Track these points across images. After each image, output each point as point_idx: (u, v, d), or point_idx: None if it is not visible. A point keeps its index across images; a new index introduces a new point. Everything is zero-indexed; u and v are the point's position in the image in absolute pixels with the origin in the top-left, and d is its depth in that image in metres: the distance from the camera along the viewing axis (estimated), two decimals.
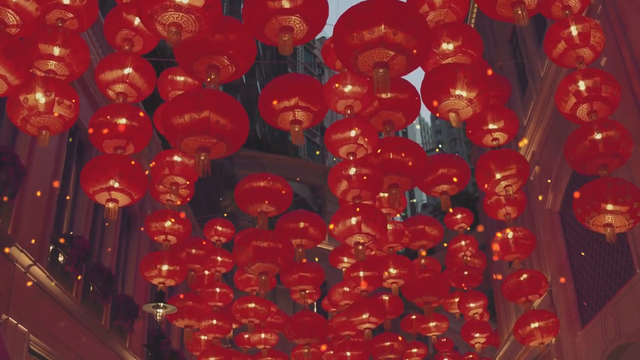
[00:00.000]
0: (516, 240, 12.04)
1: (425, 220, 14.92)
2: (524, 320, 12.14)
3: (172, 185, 11.13)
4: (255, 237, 10.87)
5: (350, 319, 12.99)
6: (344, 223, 9.84)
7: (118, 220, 16.41)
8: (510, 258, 12.33)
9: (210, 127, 7.75)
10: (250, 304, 15.17)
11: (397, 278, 13.69)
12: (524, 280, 12.06)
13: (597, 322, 13.05)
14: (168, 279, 12.75)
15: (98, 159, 8.84)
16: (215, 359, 15.33)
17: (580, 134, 8.64)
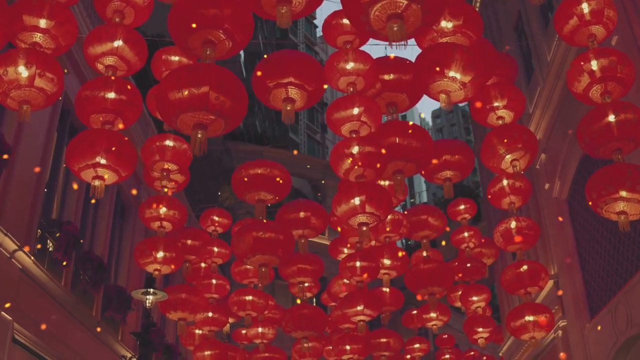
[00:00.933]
0: (519, 230, 11.65)
1: (428, 210, 14.53)
2: (518, 312, 11.86)
3: (163, 172, 10.73)
4: (255, 228, 10.62)
5: (344, 310, 12.65)
6: (347, 203, 9.43)
7: (111, 209, 15.97)
8: (513, 249, 11.98)
9: (210, 103, 7.45)
10: (247, 297, 14.84)
11: (390, 269, 13.42)
12: (523, 271, 11.78)
13: (607, 313, 12.66)
14: (164, 266, 12.35)
15: (84, 133, 8.46)
16: (211, 352, 14.88)
17: (595, 116, 8.29)
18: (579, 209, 14.03)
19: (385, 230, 13.35)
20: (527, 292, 11.89)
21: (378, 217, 9.50)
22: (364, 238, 9.74)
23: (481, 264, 15.60)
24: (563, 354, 14.70)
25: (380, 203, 9.40)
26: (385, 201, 9.51)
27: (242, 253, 10.65)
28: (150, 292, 12.39)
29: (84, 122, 8.36)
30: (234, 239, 10.96)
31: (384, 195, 9.57)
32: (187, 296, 14.04)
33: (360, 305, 12.46)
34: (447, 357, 21.04)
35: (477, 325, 15.86)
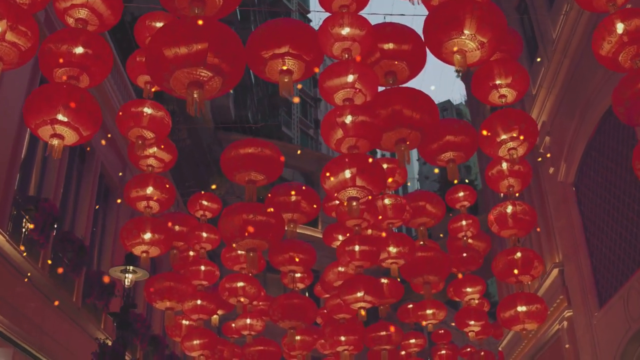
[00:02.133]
0: (514, 215, 11.33)
1: (426, 196, 14.13)
2: (509, 302, 11.55)
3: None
4: (246, 210, 10.17)
5: (343, 297, 12.06)
6: (336, 176, 8.86)
7: (94, 191, 15.33)
8: (507, 234, 11.59)
9: (209, 59, 7.03)
10: (239, 283, 14.31)
11: (397, 258, 12.83)
12: (516, 259, 11.41)
13: (618, 300, 12.10)
14: (152, 247, 11.87)
15: (42, 87, 7.94)
16: (200, 341, 14.32)
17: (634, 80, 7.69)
18: (587, 192, 13.51)
19: (387, 216, 12.78)
20: (519, 280, 11.49)
21: (369, 191, 8.96)
22: (353, 214, 9.12)
23: (477, 253, 15.12)
24: (568, 345, 14.15)
25: (372, 177, 8.86)
26: (378, 175, 8.96)
27: (231, 236, 10.21)
28: (129, 270, 11.73)
29: (48, 77, 7.76)
30: (222, 220, 10.46)
31: (377, 169, 9.03)
32: (175, 284, 13.47)
33: (361, 291, 11.84)
34: (444, 353, 20.59)
35: (469, 317, 15.40)
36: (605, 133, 12.62)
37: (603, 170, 12.77)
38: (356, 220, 11.92)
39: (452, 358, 20.77)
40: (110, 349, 10.16)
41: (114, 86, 15.79)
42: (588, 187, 13.39)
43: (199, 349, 14.39)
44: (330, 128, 8.82)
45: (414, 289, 16.05)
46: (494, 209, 11.53)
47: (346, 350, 14.43)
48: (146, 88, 10.50)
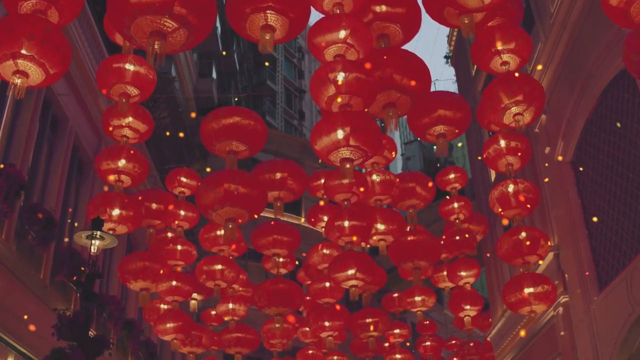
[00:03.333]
0: (517, 194, 10.77)
1: (416, 177, 13.59)
2: (515, 284, 10.93)
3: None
4: (228, 179, 9.55)
5: (333, 275, 11.41)
6: (328, 135, 8.16)
7: (66, 163, 14.51)
8: (511, 214, 11.06)
9: (175, 9, 6.47)
10: (217, 265, 13.64)
11: (386, 234, 12.25)
12: (522, 239, 10.79)
13: (620, 282, 11.46)
14: (119, 225, 11.35)
15: (4, 19, 7.12)
16: (173, 325, 13.57)
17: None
18: (586, 170, 12.90)
19: (375, 192, 12.20)
20: (526, 261, 10.93)
21: (364, 152, 8.29)
22: (347, 176, 8.42)
23: (471, 237, 14.54)
24: (564, 332, 13.54)
25: (367, 136, 8.17)
26: (373, 135, 8.27)
27: (210, 204, 9.53)
28: (96, 236, 10.94)
29: (11, 13, 6.98)
30: (201, 188, 9.81)
31: (372, 127, 8.33)
32: (150, 264, 12.83)
33: (352, 268, 11.16)
34: (428, 344, 20.10)
35: (465, 302, 14.79)
36: (607, 106, 12.03)
37: (604, 146, 12.18)
38: (345, 194, 11.32)
39: (437, 350, 20.39)
40: (70, 320, 9.39)
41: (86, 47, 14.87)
42: (587, 165, 12.79)
43: (172, 332, 13.68)
44: (321, 84, 8.12)
45: (402, 275, 15.52)
46: (494, 189, 11.02)
47: (330, 337, 13.80)
48: (125, 45, 9.77)
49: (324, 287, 13.83)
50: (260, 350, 23.16)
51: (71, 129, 14.77)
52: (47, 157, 14.06)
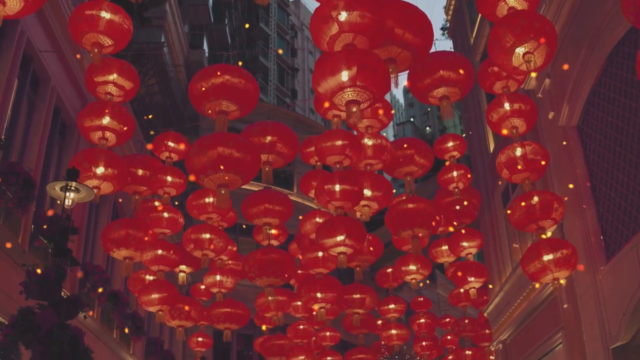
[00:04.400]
0: (525, 157, 10.31)
1: (415, 144, 13.06)
2: (533, 252, 10.33)
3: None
4: (223, 142, 9.17)
5: (321, 240, 10.81)
6: (333, 76, 7.57)
7: (47, 123, 13.81)
8: (519, 179, 10.62)
9: None
10: (205, 234, 13.11)
11: (371, 201, 11.68)
12: (534, 203, 10.28)
13: (630, 250, 10.88)
14: (104, 183, 10.90)
15: None
16: (158, 296, 12.97)
17: None
18: (593, 134, 12.32)
19: (366, 156, 11.66)
20: (540, 227, 10.41)
21: (372, 94, 7.71)
22: (353, 120, 7.85)
23: (472, 205, 13.99)
24: (567, 305, 13.03)
25: (375, 75, 7.58)
26: (381, 74, 7.68)
27: (202, 168, 9.20)
28: (71, 188, 10.26)
29: None
30: (193, 151, 9.38)
31: (380, 66, 7.70)
32: (134, 232, 12.30)
33: (341, 234, 10.60)
34: (423, 321, 19.67)
35: (469, 273, 14.22)
36: (618, 65, 11.43)
37: (613, 108, 11.61)
38: (338, 157, 10.75)
39: (431, 327, 19.97)
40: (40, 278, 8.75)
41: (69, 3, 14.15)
42: (595, 128, 12.23)
43: (157, 303, 13.10)
44: (323, 22, 7.59)
45: (397, 246, 15.01)
46: (501, 154, 10.53)
47: (323, 308, 13.24)
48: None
49: (317, 257, 13.32)
50: (250, 326, 22.80)
51: (53, 89, 14.08)
52: (26, 117, 13.37)
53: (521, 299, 15.71)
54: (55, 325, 8.66)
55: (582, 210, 12.29)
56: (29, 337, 8.41)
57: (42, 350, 8.37)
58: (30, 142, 13.31)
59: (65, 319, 9.08)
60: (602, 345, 11.74)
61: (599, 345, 11.80)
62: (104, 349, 17.57)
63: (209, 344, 18.18)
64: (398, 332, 18.21)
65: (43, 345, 8.39)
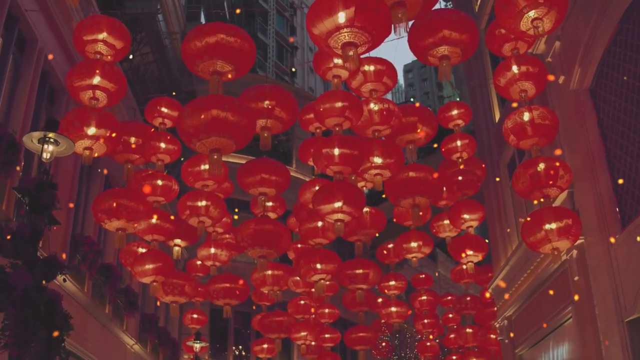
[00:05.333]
0: (533, 122, 9.90)
1: (418, 111, 12.62)
2: (535, 220, 9.93)
3: None
4: (218, 104, 8.79)
5: (318, 206, 10.41)
6: (329, 17, 7.06)
7: (34, 87, 13.21)
8: (528, 145, 10.21)
9: None
10: (200, 202, 12.66)
11: (383, 169, 11.22)
12: (540, 170, 9.88)
13: None
14: (96, 143, 10.47)
15: None
16: (152, 266, 12.51)
17: None
18: (607, 96, 11.81)
19: (373, 122, 11.22)
20: (545, 195, 9.99)
21: (370, 37, 7.20)
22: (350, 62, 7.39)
23: (474, 176, 13.60)
24: (578, 277, 12.54)
25: (375, 17, 7.10)
26: (382, 16, 7.19)
27: (194, 131, 8.83)
28: (49, 140, 9.70)
29: None
30: (185, 113, 8.99)
31: (382, 7, 7.20)
32: (127, 202, 11.85)
33: (339, 200, 10.16)
34: (424, 298, 19.27)
35: (467, 246, 13.78)
36: (635, 21, 10.88)
37: (629, 67, 11.10)
38: (337, 119, 10.33)
39: (433, 304, 19.58)
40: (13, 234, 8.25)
41: None
42: (609, 89, 11.72)
43: (151, 274, 12.63)
44: None
45: (398, 220, 14.57)
46: (507, 119, 10.16)
47: (322, 280, 12.76)
48: None
49: (316, 227, 12.80)
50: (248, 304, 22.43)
51: (41, 51, 13.52)
52: (12, 79, 12.83)
53: (528, 273, 15.22)
54: (30, 287, 8.18)
55: (595, 176, 11.80)
56: (2, 298, 7.95)
57: (15, 312, 7.91)
58: (15, 106, 12.78)
59: (40, 280, 8.56)
60: (617, 318, 11.27)
61: (612, 318, 11.33)
62: (95, 324, 17.20)
63: (203, 321, 17.89)
64: (398, 309, 17.73)
65: (17, 307, 7.92)
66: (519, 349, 17.01)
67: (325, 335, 18.16)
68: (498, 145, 17.81)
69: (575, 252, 12.50)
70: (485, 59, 19.40)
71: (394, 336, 36.05)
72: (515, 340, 17.22)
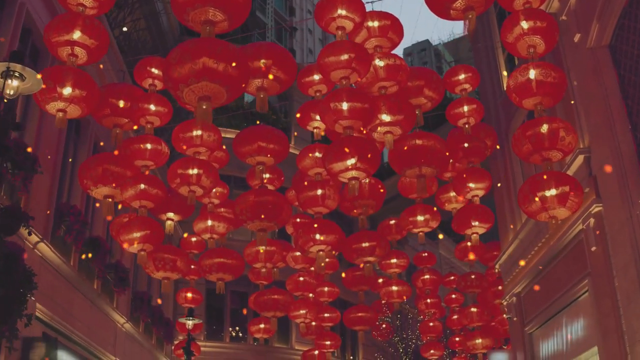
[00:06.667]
0: (536, 79, 9.35)
1: (424, 74, 12.07)
2: (534, 185, 9.42)
3: None
4: (210, 52, 8.11)
5: (329, 165, 9.85)
6: None
7: (14, 44, 12.43)
8: (531, 104, 9.63)
9: None
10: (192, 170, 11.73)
11: (392, 126, 10.61)
12: (543, 132, 9.35)
13: None
14: (71, 105, 9.65)
15: None
16: (140, 234, 11.74)
17: None
18: (630, 50, 11.09)
19: (379, 78, 10.64)
20: (546, 158, 9.48)
21: None
22: None
23: (481, 143, 13.03)
24: (595, 247, 11.84)
25: None
26: None
27: (183, 76, 8.13)
28: (13, 73, 8.92)
29: None
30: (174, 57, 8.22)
31: None
32: (114, 167, 11.34)
33: (352, 157, 9.58)
34: (427, 277, 18.71)
35: (473, 216, 13.05)
36: None
37: None
38: (344, 70, 9.70)
39: (435, 283, 19.08)
40: None
41: None
42: (630, 43, 11.04)
43: (139, 242, 11.87)
44: None
45: (402, 192, 13.96)
46: (510, 77, 9.58)
47: (321, 251, 12.05)
48: None
49: (316, 196, 12.05)
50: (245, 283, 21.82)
51: (22, 6, 12.79)
52: None
53: (539, 247, 14.52)
54: None
55: (615, 137, 11.09)
56: None
57: None
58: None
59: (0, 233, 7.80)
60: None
61: (635, 289, 10.61)
62: (82, 300, 16.58)
63: (198, 300, 17.42)
64: (399, 288, 17.21)
65: None
66: (528, 327, 16.27)
67: (324, 315, 17.53)
68: (506, 114, 17.07)
69: (592, 221, 11.79)
70: (491, 20, 18.63)
71: (395, 317, 35.66)
72: (524, 318, 16.51)
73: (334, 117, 9.54)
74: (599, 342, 12.10)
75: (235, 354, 30.45)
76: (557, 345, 14.74)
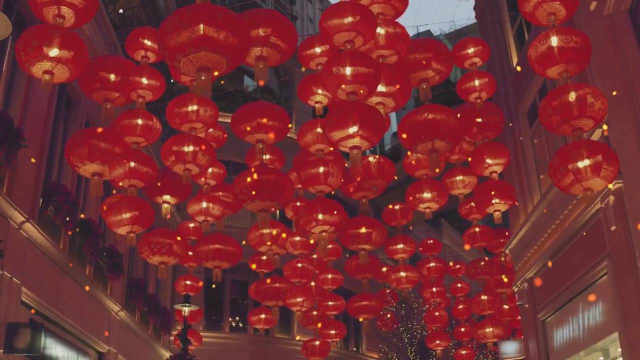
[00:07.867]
0: (561, 47, 8.79)
1: (432, 46, 11.37)
2: (566, 155, 8.80)
3: None
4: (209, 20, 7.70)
5: (329, 133, 9.23)
6: None
7: None
8: (556, 72, 9.08)
9: None
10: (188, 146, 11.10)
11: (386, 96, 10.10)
12: (572, 100, 8.73)
13: None
14: (58, 66, 9.04)
15: None
16: (129, 215, 11.17)
17: None
18: None
19: (378, 45, 10.11)
20: (576, 127, 8.84)
21: None
22: None
23: (497, 116, 12.52)
24: (615, 227, 11.29)
25: None
26: None
27: (181, 45, 7.70)
28: None
29: None
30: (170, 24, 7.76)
31: None
32: (103, 143, 10.76)
33: (355, 124, 8.99)
34: (433, 265, 18.16)
35: (494, 192, 12.47)
36: None
37: None
38: (348, 34, 9.12)
39: (441, 272, 18.67)
40: None
41: None
42: None
43: (127, 223, 11.31)
44: None
45: (408, 170, 13.42)
46: (531, 47, 9.05)
47: (324, 232, 11.45)
48: None
49: (318, 174, 11.44)
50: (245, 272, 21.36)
51: None
52: None
53: (552, 229, 14.01)
54: None
55: (635, 108, 10.56)
56: None
57: None
58: None
59: None
60: None
61: None
62: (73, 285, 16.03)
63: (197, 288, 16.94)
64: (408, 274, 16.57)
65: None
66: (541, 314, 15.80)
67: (328, 303, 17.00)
68: (516, 92, 16.53)
69: (612, 198, 11.25)
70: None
71: (400, 307, 35.27)
72: (536, 305, 15.97)
73: (336, 82, 8.96)
74: (620, 327, 11.66)
75: (235, 345, 30.19)
76: (572, 332, 14.25)
